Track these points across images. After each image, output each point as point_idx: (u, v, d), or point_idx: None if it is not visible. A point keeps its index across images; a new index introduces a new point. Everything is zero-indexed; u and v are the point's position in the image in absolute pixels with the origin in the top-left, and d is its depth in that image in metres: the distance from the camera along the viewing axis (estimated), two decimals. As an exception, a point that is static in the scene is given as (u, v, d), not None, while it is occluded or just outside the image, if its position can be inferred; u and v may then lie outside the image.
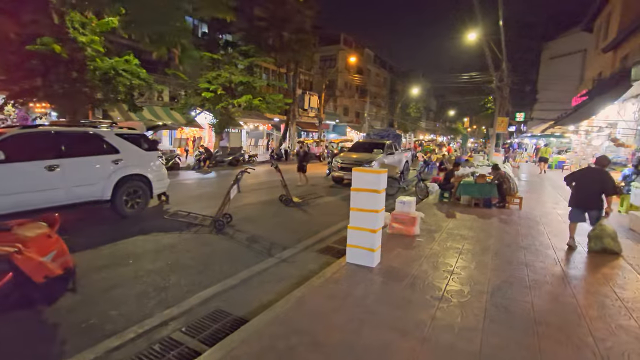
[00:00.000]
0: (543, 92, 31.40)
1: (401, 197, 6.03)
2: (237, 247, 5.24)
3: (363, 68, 45.98)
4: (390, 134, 13.69)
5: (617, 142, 10.77)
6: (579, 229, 5.38)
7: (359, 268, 4.14)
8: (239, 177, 6.07)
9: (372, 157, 11.70)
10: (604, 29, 17.64)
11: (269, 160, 21.42)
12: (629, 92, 8.80)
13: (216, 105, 19.00)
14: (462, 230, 6.08)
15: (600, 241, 4.96)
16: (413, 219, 5.64)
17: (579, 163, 16.38)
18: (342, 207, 8.40)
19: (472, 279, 3.91)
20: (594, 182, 5.15)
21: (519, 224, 6.65)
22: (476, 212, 7.66)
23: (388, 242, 5.23)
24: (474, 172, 9.09)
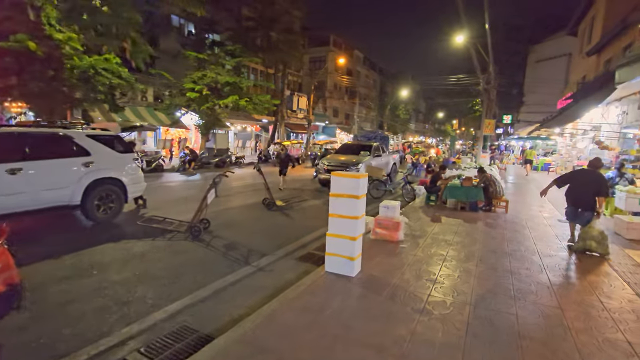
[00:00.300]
0: (529, 94, 31.83)
1: (385, 202, 5.85)
2: (213, 255, 4.98)
3: (352, 69, 46.00)
4: (377, 135, 13.55)
5: (602, 145, 10.85)
6: (560, 231, 5.28)
7: (337, 278, 3.93)
8: (216, 180, 5.80)
9: (359, 159, 11.54)
10: (588, 33, 17.89)
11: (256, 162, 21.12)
12: (612, 95, 8.82)
13: (202, 106, 18.62)
14: (447, 235, 5.93)
15: (583, 242, 5.06)
16: (397, 224, 5.46)
17: (564, 165, 16.54)
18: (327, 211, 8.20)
19: (456, 288, 3.74)
20: (589, 184, 5.27)
21: (505, 227, 6.54)
22: (462, 215, 7.54)
23: (370, 249, 5.04)
24: (460, 175, 8.99)
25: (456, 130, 65.85)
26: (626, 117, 11.48)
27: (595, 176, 5.33)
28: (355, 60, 46.75)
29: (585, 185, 5.32)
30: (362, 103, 47.22)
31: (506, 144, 37.78)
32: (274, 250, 5.29)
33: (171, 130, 23.23)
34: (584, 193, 5.30)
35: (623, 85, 7.30)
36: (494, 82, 20.52)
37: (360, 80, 48.23)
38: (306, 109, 30.39)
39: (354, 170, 11.05)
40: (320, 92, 41.18)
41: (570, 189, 5.56)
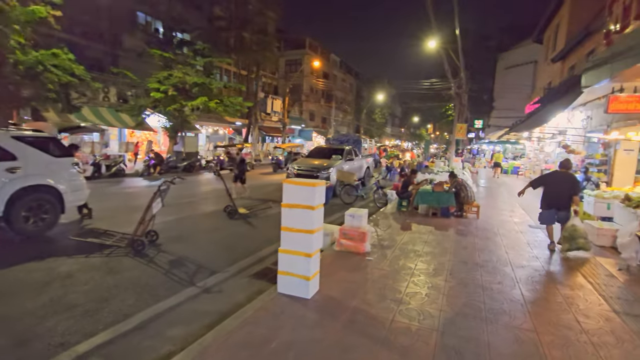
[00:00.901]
0: (499, 100, 32.74)
1: (351, 210, 5.42)
2: (153, 275, 4.34)
3: (329, 73, 45.91)
4: (350, 139, 13.21)
5: (568, 149, 10.98)
6: (531, 238, 5.03)
7: (290, 301, 3.43)
8: (162, 188, 5.16)
9: (330, 163, 11.12)
10: (552, 41, 18.43)
11: (212, 168, 20.03)
12: (578, 99, 8.86)
13: (168, 107, 17.67)
14: (417, 244, 5.57)
15: (575, 242, 5.13)
16: (363, 235, 5.03)
17: (532, 169, 16.87)
18: None
19: (422, 310, 3.33)
20: (564, 185, 5.55)
21: (476, 235, 6.27)
22: (433, 222, 7.24)
23: (333, 263, 4.58)
24: (432, 180, 8.74)
25: (431, 135, 67.20)
26: (590, 121, 11.71)
27: (569, 177, 5.61)
28: (332, 64, 46.71)
29: (561, 186, 5.56)
30: (338, 107, 47.13)
31: (478, 148, 38.71)
32: (227, 266, 4.72)
33: (137, 133, 22.03)
34: (561, 194, 5.53)
35: (588, 89, 7.26)
36: (465, 87, 20.81)
37: (336, 83, 48.20)
38: (281, 112, 29.80)
39: (325, 174, 10.63)
40: (296, 96, 40.76)
41: (546, 192, 5.75)
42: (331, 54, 46.21)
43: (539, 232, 6.63)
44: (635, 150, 9.51)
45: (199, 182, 14.05)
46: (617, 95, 6.84)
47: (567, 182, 5.55)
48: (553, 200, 5.62)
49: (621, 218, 5.83)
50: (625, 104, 6.76)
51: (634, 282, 4.18)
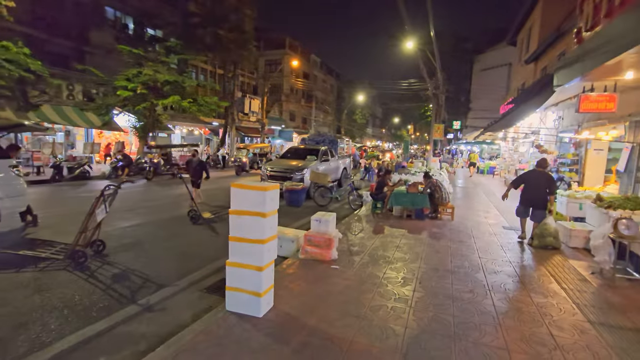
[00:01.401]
0: (476, 101, 33.32)
1: (318, 214, 5.07)
2: (90, 291, 3.84)
3: (309, 73, 45.61)
4: (326, 139, 12.89)
5: (541, 149, 11.05)
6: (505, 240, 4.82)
7: (239, 321, 3.03)
8: (106, 192, 4.63)
9: (304, 164, 10.75)
10: (526, 43, 18.77)
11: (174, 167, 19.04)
12: (550, 99, 8.86)
13: (137, 106, 16.84)
14: (388, 250, 5.27)
15: (543, 239, 5.48)
16: (329, 241, 4.68)
17: (507, 169, 17.06)
18: None
19: (386, 327, 3.00)
20: (541, 184, 5.77)
21: (450, 238, 6.05)
22: (407, 225, 6.99)
23: (295, 272, 4.21)
24: (407, 181, 8.52)
25: (411, 135, 68.02)
26: (562, 121, 11.85)
27: (546, 176, 5.86)
28: (312, 65, 46.44)
29: (538, 185, 5.79)
30: (319, 107, 46.92)
31: (456, 149, 39.32)
32: (179, 278, 4.26)
33: (106, 133, 20.99)
34: (538, 193, 5.76)
35: (560, 88, 7.20)
36: (442, 88, 20.95)
37: (317, 84, 47.97)
38: (259, 112, 29.19)
39: (299, 176, 10.25)
40: (276, 96, 40.22)
41: (524, 190, 6.00)
42: (311, 55, 45.93)
43: (512, 233, 6.48)
44: (605, 150, 9.61)
45: (169, 184, 13.39)
46: (588, 95, 6.80)
47: (544, 181, 5.76)
48: (530, 199, 5.88)
49: (593, 219, 5.74)
50: (595, 103, 6.72)
51: (608, 288, 4.01)
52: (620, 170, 7.56)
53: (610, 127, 8.22)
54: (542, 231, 5.51)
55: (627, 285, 4.03)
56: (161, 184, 12.95)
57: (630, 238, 4.06)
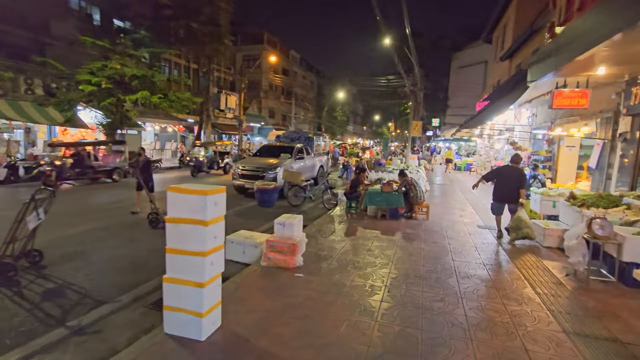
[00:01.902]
0: (454, 98, 33.71)
1: (282, 217, 4.69)
2: (12, 312, 3.32)
3: (289, 70, 45.00)
4: (301, 136, 12.48)
5: (515, 145, 11.08)
6: (479, 240, 4.60)
7: (178, 345, 2.62)
8: (37, 197, 4.08)
9: (278, 162, 10.32)
10: (501, 40, 18.96)
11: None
12: (524, 96, 8.82)
13: (102, 101, 15.88)
14: (359, 254, 4.96)
15: (520, 231, 5.53)
16: (294, 247, 4.31)
17: (483, 165, 17.21)
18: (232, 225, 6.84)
19: (347, 347, 2.67)
20: (512, 178, 5.89)
21: (424, 239, 5.80)
22: (381, 225, 6.71)
23: (253, 284, 3.82)
24: (381, 179, 8.26)
25: (392, 133, 68.50)
26: (535, 118, 11.94)
27: (516, 171, 5.99)
28: (292, 61, 45.82)
29: (509, 180, 5.91)
30: (299, 104, 46.38)
31: (435, 146, 39.77)
32: (123, 293, 3.79)
33: (71, 131, 19.80)
34: (510, 188, 5.87)
35: (534, 84, 7.11)
36: (421, 85, 20.93)
37: (297, 80, 47.41)
38: (236, 108, 28.39)
39: (271, 174, 9.82)
40: (255, 92, 39.41)
41: (497, 185, 6.16)
42: (291, 51, 45.28)
43: (487, 233, 6.32)
44: (577, 146, 9.69)
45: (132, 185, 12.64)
46: (561, 91, 6.72)
47: (514, 176, 5.89)
48: (502, 194, 6.01)
49: (566, 217, 5.63)
50: (568, 99, 6.65)
51: (582, 291, 3.84)
52: (592, 167, 7.57)
53: (582, 123, 8.24)
54: (517, 224, 5.57)
55: (601, 288, 3.88)
56: (121, 186, 12.20)
57: (604, 238, 3.90)
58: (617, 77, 6.28)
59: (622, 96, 6.64)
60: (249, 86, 40.16)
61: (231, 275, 4.04)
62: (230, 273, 4.07)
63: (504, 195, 6.01)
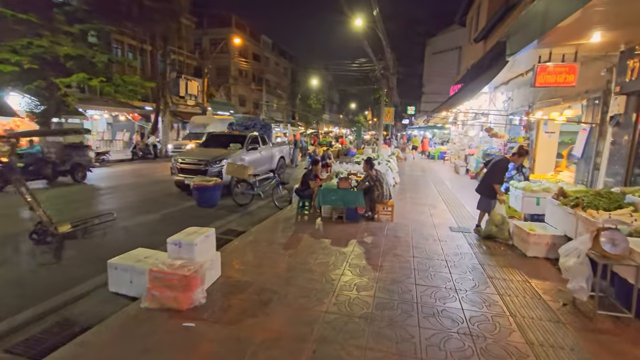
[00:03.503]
0: (428, 85, 32.94)
1: (179, 234, 3.35)
2: None
3: (260, 55, 42.83)
4: (257, 123, 11.02)
5: (491, 132, 10.12)
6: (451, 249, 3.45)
7: None
8: None
9: (225, 154, 8.86)
10: (475, 21, 18.02)
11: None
12: (500, 75, 7.77)
13: (27, 85, 13.70)
14: (293, 278, 3.70)
15: (488, 228, 5.11)
16: (188, 280, 2.98)
17: (457, 154, 16.37)
18: (155, 233, 5.42)
19: None
20: (491, 169, 5.34)
21: (384, 251, 4.62)
22: (334, 231, 5.48)
23: (113, 343, 2.48)
24: (338, 173, 7.01)
25: (369, 121, 67.61)
26: (512, 103, 11.04)
27: (500, 163, 5.30)
28: (263, 46, 43.60)
29: (489, 171, 5.35)
30: (272, 92, 44.40)
31: (409, 134, 39.10)
32: None
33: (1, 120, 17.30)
34: (484, 179, 5.44)
35: (513, 59, 6.02)
36: (393, 69, 19.78)
37: (269, 67, 45.32)
38: (198, 95, 26.28)
39: (215, 168, 8.38)
40: (223, 79, 37.18)
41: None
42: (262, 35, 42.99)
43: (460, 238, 5.22)
44: (557, 132, 8.81)
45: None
46: (545, 65, 5.64)
47: (493, 167, 5.31)
48: (478, 187, 5.56)
49: (554, 218, 4.60)
50: (554, 76, 5.59)
51: (589, 334, 2.75)
52: (576, 155, 6.62)
53: (564, 106, 7.27)
54: (490, 220, 5.14)
55: (614, 329, 2.81)
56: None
57: (617, 258, 2.83)
58: (611, 47, 5.25)
59: (613, 72, 5.65)
60: (217, 72, 37.83)
61: (99, 319, 2.69)
62: (100, 314, 2.73)
63: (479, 186, 5.55)
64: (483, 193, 5.40)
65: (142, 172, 13.39)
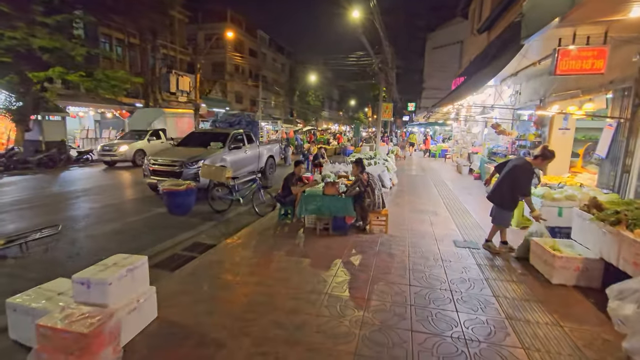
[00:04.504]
0: (429, 80, 31.99)
1: (87, 271, 2.48)
2: None
3: (257, 51, 41.83)
4: (242, 120, 10.10)
5: (499, 129, 9.21)
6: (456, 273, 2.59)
7: None
8: None
9: (203, 154, 7.98)
10: (478, 12, 17.10)
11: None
12: (510, 65, 6.88)
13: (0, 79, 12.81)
14: (251, 321, 2.83)
15: (522, 250, 4.15)
16: (92, 339, 2.11)
17: (459, 152, 15.47)
18: (106, 249, 4.53)
19: None
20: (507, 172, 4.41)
21: (375, 276, 3.74)
22: (317, 248, 4.61)
23: None
24: (325, 176, 6.13)
25: (369, 118, 66.54)
26: (519, 97, 10.12)
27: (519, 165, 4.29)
28: (260, 41, 42.60)
29: (504, 175, 4.43)
30: (270, 88, 43.43)
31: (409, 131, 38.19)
32: None
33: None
34: (499, 186, 4.45)
35: (530, 42, 5.12)
36: (392, 63, 18.83)
37: (266, 63, 44.34)
38: (191, 91, 25.30)
39: (192, 170, 7.51)
40: (219, 75, 36.25)
41: None
42: (259, 31, 41.96)
43: (467, 257, 4.33)
44: (572, 129, 7.92)
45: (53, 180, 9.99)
46: (568, 49, 4.76)
47: (511, 170, 4.35)
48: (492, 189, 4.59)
49: (586, 236, 3.72)
50: (579, 61, 4.70)
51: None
52: (601, 155, 5.72)
53: (585, 99, 6.37)
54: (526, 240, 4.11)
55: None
56: (63, 179, 9.48)
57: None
58: (651, 25, 4.35)
59: (648, 57, 4.76)
60: (213, 68, 36.85)
61: None
62: None
63: (492, 194, 4.53)
64: (497, 202, 4.45)
65: (124, 172, 12.51)
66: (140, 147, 14.31)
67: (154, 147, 14.08)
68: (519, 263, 4.10)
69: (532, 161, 4.35)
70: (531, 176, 4.34)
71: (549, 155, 4.32)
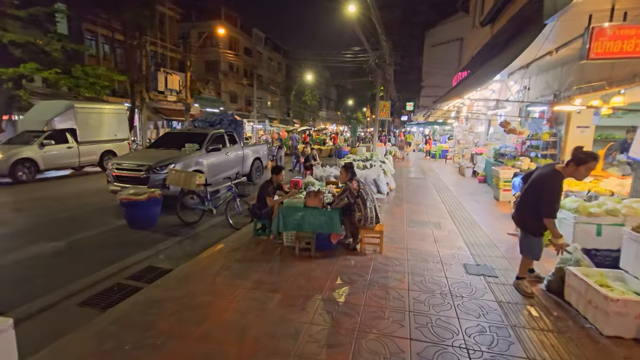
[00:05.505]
0: (428, 79, 31.16)
1: None
2: None
3: (252, 50, 40.96)
4: (224, 119, 9.17)
5: (508, 127, 8.28)
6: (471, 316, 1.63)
7: None
8: None
9: (176, 157, 7.04)
10: (480, 5, 16.23)
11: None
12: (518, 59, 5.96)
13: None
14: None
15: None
16: None
17: (461, 153, 14.56)
18: (31, 280, 3.56)
19: None
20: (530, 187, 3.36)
21: (364, 323, 2.81)
22: (293, 274, 3.67)
23: None
24: (308, 184, 5.19)
25: (367, 118, 65.57)
26: (528, 93, 9.23)
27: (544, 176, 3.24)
28: (256, 40, 41.72)
29: (527, 191, 3.39)
30: (266, 88, 42.51)
31: (407, 131, 37.27)
32: None
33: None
34: (524, 202, 3.40)
35: (554, 20, 4.20)
36: (390, 60, 17.91)
37: (262, 62, 43.46)
38: (181, 90, 24.30)
39: (160, 175, 6.57)
40: (212, 73, 35.34)
41: None
42: (254, 29, 41.07)
43: (483, 289, 3.41)
44: (591, 127, 7.03)
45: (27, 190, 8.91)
46: (603, 28, 3.85)
47: (534, 184, 3.31)
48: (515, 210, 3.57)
49: (637, 263, 2.80)
50: (618, 43, 3.78)
51: None
52: (636, 157, 4.82)
53: (612, 91, 5.47)
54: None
55: None
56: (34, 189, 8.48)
57: None
58: None
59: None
60: (206, 67, 35.88)
61: None
62: None
63: (517, 214, 3.52)
64: (520, 225, 3.47)
65: (98, 177, 11.54)
66: (29, 154, 9.88)
67: (56, 155, 10.66)
68: (550, 299, 3.18)
69: (562, 169, 3.19)
70: (559, 190, 3.19)
71: (584, 159, 3.04)
